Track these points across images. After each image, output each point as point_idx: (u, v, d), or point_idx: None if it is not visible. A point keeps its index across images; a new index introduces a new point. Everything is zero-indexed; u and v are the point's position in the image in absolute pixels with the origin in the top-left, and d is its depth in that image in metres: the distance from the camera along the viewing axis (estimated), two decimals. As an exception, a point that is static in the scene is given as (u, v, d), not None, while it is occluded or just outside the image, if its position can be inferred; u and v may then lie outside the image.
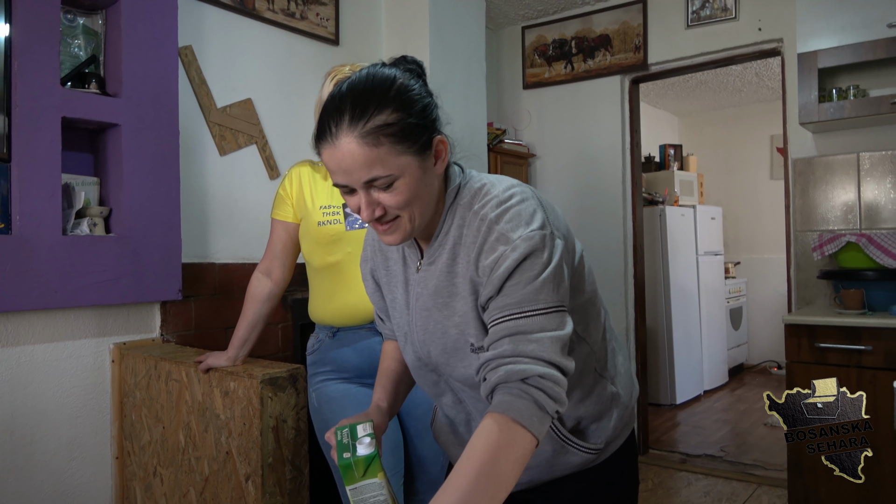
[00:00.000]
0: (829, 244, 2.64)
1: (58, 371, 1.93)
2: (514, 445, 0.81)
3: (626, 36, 3.48)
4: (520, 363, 0.84)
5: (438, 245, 1.00)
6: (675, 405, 4.67)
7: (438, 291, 0.99)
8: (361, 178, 0.89)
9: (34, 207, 1.78)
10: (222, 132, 2.40)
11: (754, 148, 6.03)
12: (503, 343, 0.87)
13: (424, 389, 1.14)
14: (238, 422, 1.65)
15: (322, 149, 0.91)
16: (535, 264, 0.88)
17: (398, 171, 0.89)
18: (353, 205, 0.94)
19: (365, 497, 0.97)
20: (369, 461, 0.98)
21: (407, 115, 0.90)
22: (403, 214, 0.93)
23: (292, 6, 2.66)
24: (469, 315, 0.96)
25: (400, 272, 1.07)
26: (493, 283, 0.90)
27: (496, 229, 0.91)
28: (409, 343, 1.07)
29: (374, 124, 0.87)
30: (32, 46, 1.78)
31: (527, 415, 0.82)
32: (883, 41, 2.52)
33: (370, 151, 0.87)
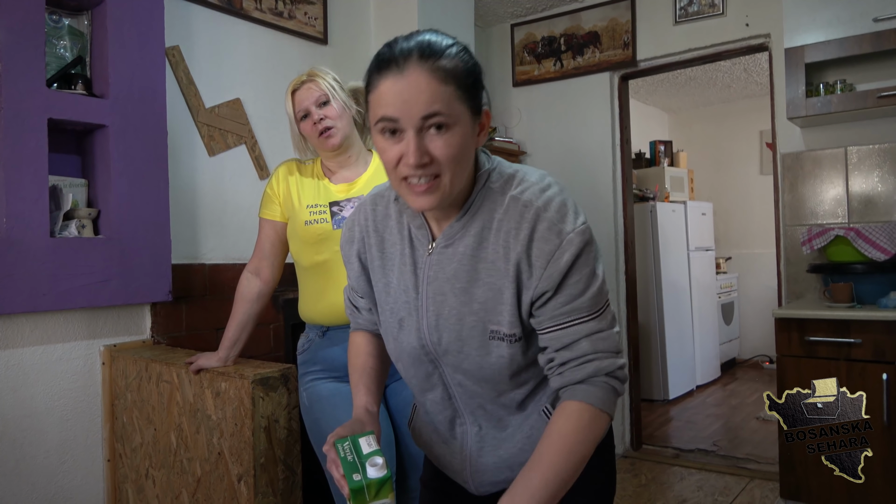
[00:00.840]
0: (818, 238, 2.66)
1: (48, 374, 1.92)
2: (598, 429, 0.92)
3: (615, 32, 3.49)
4: (602, 359, 0.93)
5: (461, 227, 0.97)
6: (667, 400, 4.69)
7: (457, 276, 0.96)
8: (421, 111, 0.87)
9: (21, 210, 1.76)
10: (211, 132, 2.39)
11: (744, 143, 6.06)
12: (582, 343, 0.93)
13: (411, 382, 1.11)
14: (230, 422, 1.65)
15: (382, 78, 0.89)
16: (590, 259, 0.93)
17: (456, 117, 0.88)
18: (393, 154, 0.90)
19: None
20: (382, 483, 0.93)
21: (470, 70, 0.91)
22: (446, 173, 0.90)
23: (280, 5, 2.65)
24: (496, 301, 0.94)
25: (406, 254, 1.02)
26: (552, 277, 0.91)
27: (546, 217, 0.92)
28: (412, 330, 1.02)
29: (445, 65, 0.88)
30: (17, 48, 1.77)
31: (609, 403, 0.93)
32: (869, 35, 2.53)
33: (438, 86, 0.87)
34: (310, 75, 1.74)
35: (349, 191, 1.75)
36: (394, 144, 0.90)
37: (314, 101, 1.70)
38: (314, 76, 1.73)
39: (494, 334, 0.95)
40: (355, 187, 1.76)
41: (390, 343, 1.08)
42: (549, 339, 0.94)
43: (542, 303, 0.93)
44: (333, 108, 1.70)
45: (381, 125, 0.90)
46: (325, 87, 1.71)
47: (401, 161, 0.89)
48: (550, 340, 0.94)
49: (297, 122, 1.75)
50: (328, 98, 1.71)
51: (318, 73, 1.74)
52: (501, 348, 0.96)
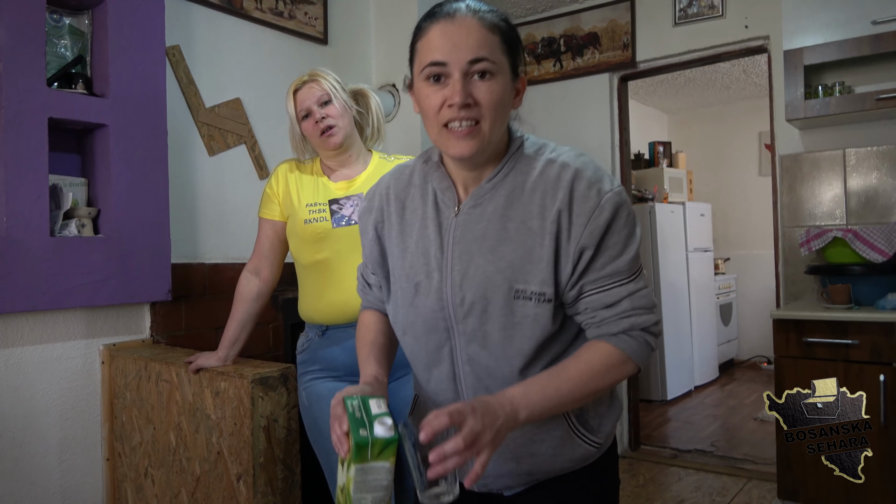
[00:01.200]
0: (816, 240, 2.66)
1: (47, 373, 1.92)
2: (622, 372, 0.97)
3: (615, 34, 3.49)
4: (639, 315, 0.96)
5: (491, 188, 0.99)
6: (665, 401, 4.69)
7: (486, 235, 0.97)
8: (469, 55, 0.91)
9: (21, 209, 1.77)
10: (211, 132, 2.39)
11: (742, 144, 6.07)
12: (623, 303, 0.96)
13: (418, 357, 1.07)
14: (229, 422, 1.65)
15: (433, 24, 0.94)
16: (629, 221, 0.96)
17: (499, 66, 0.93)
18: (436, 99, 0.93)
19: (368, 479, 0.91)
20: (387, 444, 0.91)
21: (514, 30, 0.98)
22: (486, 119, 0.93)
23: (280, 5, 2.65)
24: (525, 260, 0.95)
25: (430, 217, 1.03)
26: (594, 234, 0.94)
27: (584, 177, 0.95)
28: (432, 292, 1.00)
29: (492, 18, 0.95)
30: (18, 47, 1.77)
31: (640, 354, 0.97)
32: (867, 38, 2.54)
33: (486, 34, 0.92)
34: (311, 75, 1.75)
35: (348, 188, 1.76)
36: (438, 90, 0.93)
37: (316, 101, 1.72)
38: (316, 76, 1.74)
39: (520, 293, 0.95)
40: (355, 184, 1.77)
41: (402, 312, 1.06)
42: (591, 300, 0.97)
43: (583, 266, 0.95)
44: (335, 107, 1.72)
45: (428, 70, 0.94)
46: (327, 87, 1.72)
47: (444, 105, 0.93)
48: (591, 302, 0.97)
49: (298, 122, 1.75)
50: (330, 98, 1.72)
51: (320, 73, 1.75)
52: (528, 308, 0.95)
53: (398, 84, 3.00)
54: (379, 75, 3.07)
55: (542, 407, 0.91)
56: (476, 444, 0.83)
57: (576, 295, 0.97)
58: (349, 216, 1.72)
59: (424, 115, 0.97)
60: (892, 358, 2.26)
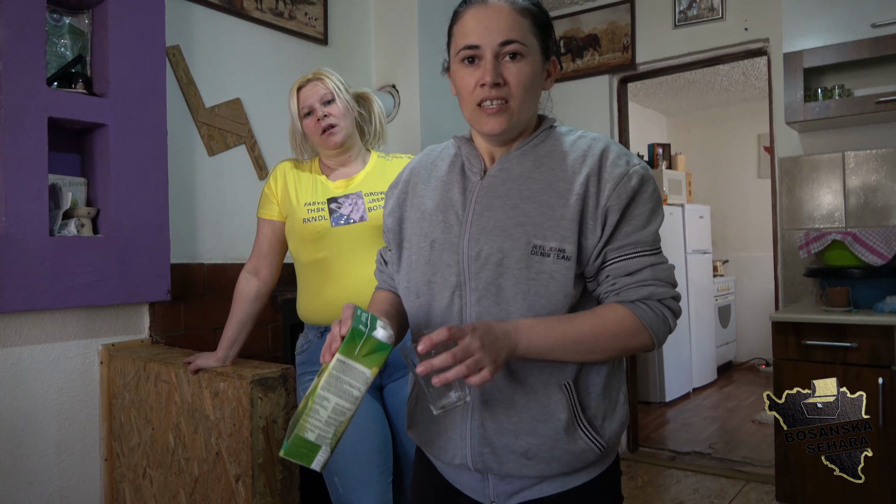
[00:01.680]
0: (815, 242, 2.66)
1: (46, 373, 1.92)
2: (635, 340, 0.98)
3: (615, 36, 3.49)
4: (658, 286, 0.99)
5: (520, 155, 1.05)
6: (664, 403, 4.70)
7: (509, 195, 1.02)
8: (500, 37, 0.97)
9: (21, 208, 1.76)
10: (211, 132, 2.39)
11: (742, 147, 6.07)
12: (644, 272, 0.99)
13: (425, 321, 1.06)
14: (228, 422, 1.65)
15: (468, 9, 1.01)
16: (654, 195, 1.01)
17: (529, 47, 0.99)
18: (471, 79, 0.99)
19: (343, 379, 0.91)
20: (377, 349, 0.91)
21: (545, 14, 1.04)
22: (515, 99, 0.99)
23: (280, 6, 2.65)
24: (546, 217, 0.98)
25: (455, 180, 1.08)
26: (621, 198, 0.98)
27: (614, 148, 1.02)
28: (447, 246, 1.03)
29: (523, 3, 1.00)
30: (18, 46, 1.77)
31: (656, 325, 0.99)
32: (867, 41, 2.54)
33: (517, 17, 0.99)
34: (315, 74, 1.76)
35: (347, 186, 1.76)
36: (473, 71, 1.00)
37: (319, 99, 1.73)
38: (320, 75, 1.76)
39: (538, 249, 0.97)
40: (353, 182, 1.77)
41: (415, 272, 1.07)
42: (612, 268, 0.99)
43: (609, 232, 0.98)
44: (338, 106, 1.73)
45: (463, 53, 1.00)
46: (331, 86, 1.74)
47: (476, 86, 0.99)
48: (613, 270, 0.99)
49: (300, 119, 1.76)
50: (333, 97, 1.73)
51: (324, 72, 1.76)
52: (545, 264, 0.97)
53: (398, 84, 3.00)
54: (379, 76, 3.07)
55: (542, 344, 0.94)
56: (470, 360, 0.85)
57: (599, 265, 1.00)
58: (348, 215, 1.72)
59: (460, 96, 1.03)
60: (890, 361, 2.26)
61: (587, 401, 1.03)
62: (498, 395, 1.01)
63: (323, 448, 0.92)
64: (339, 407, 0.92)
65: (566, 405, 1.00)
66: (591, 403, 1.03)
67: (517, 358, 0.95)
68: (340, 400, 0.92)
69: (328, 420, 0.91)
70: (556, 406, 1.00)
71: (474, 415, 1.03)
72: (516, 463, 1.01)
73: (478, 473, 1.06)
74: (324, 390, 0.91)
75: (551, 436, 0.99)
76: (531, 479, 1.03)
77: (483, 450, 1.02)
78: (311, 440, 0.91)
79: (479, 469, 1.03)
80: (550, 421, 1.00)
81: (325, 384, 0.91)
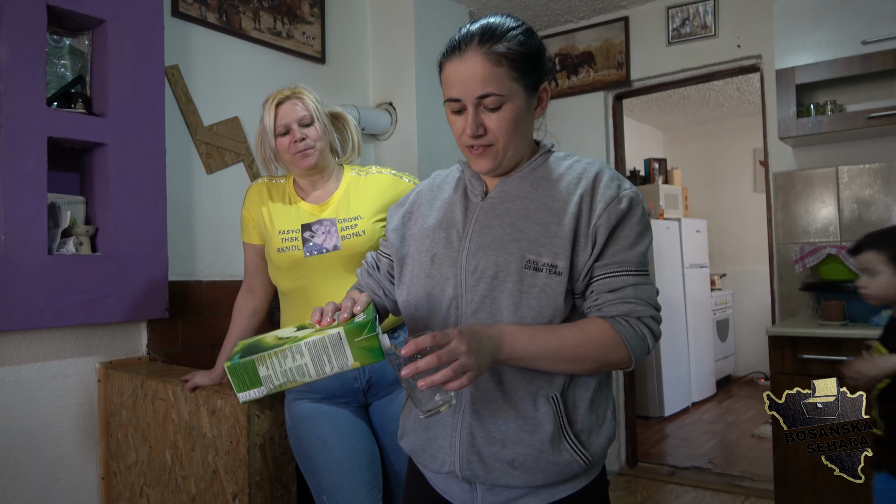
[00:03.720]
0: (810, 256, 2.68)
1: (43, 391, 1.92)
2: (614, 354, 1.01)
3: (609, 53, 3.53)
4: (638, 305, 1.02)
5: (519, 178, 1.09)
6: (663, 418, 4.69)
7: (507, 213, 1.06)
8: (476, 91, 1.01)
9: (20, 227, 1.78)
10: (209, 150, 2.41)
11: (737, 161, 6.11)
12: (627, 290, 1.02)
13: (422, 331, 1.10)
14: (225, 440, 1.65)
15: (448, 62, 1.04)
16: (642, 220, 1.05)
17: (508, 94, 1.02)
18: (458, 126, 1.05)
19: (328, 352, 0.92)
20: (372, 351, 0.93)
21: (527, 50, 1.04)
22: (499, 142, 1.04)
23: (279, 25, 2.68)
24: (541, 234, 1.02)
25: (457, 201, 1.13)
26: (610, 219, 1.02)
27: (607, 172, 1.06)
28: (447, 260, 1.08)
29: (500, 48, 1.01)
30: (19, 67, 1.79)
31: (634, 342, 1.01)
32: (857, 58, 2.58)
33: (491, 69, 1.01)
34: (295, 92, 1.71)
35: (321, 212, 1.72)
36: (458, 118, 1.06)
37: (297, 120, 1.68)
38: (301, 94, 1.70)
39: (531, 264, 1.01)
40: (327, 208, 1.73)
41: (415, 285, 1.11)
42: (597, 285, 1.03)
43: (598, 251, 1.02)
44: (316, 129, 1.69)
45: (448, 104, 1.06)
46: (311, 108, 1.69)
47: (462, 131, 1.05)
48: (597, 286, 1.03)
49: (273, 136, 1.70)
50: (312, 119, 1.69)
51: (304, 91, 1.71)
52: (538, 278, 1.01)
53: (395, 102, 3.02)
54: (375, 93, 3.10)
55: (525, 351, 0.97)
56: (456, 364, 0.87)
57: (587, 282, 1.03)
58: (321, 244, 1.68)
59: (453, 133, 1.09)
60: (886, 374, 2.27)
61: (574, 414, 1.05)
62: (487, 405, 1.04)
63: (261, 389, 0.93)
64: (305, 370, 0.93)
65: (553, 417, 1.02)
66: (578, 417, 1.05)
67: (500, 363, 0.97)
68: (311, 365, 0.93)
69: (286, 372, 0.93)
70: (543, 418, 1.02)
71: (464, 423, 1.06)
72: (502, 472, 1.03)
73: (466, 483, 1.08)
74: (306, 347, 0.92)
75: (537, 446, 1.02)
76: (518, 489, 1.05)
77: (471, 458, 1.04)
78: (260, 375, 0.92)
79: (467, 477, 1.05)
80: (537, 432, 1.02)
81: (310, 343, 0.92)
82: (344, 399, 1.67)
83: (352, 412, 1.68)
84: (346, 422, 1.65)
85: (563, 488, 1.05)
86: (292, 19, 2.73)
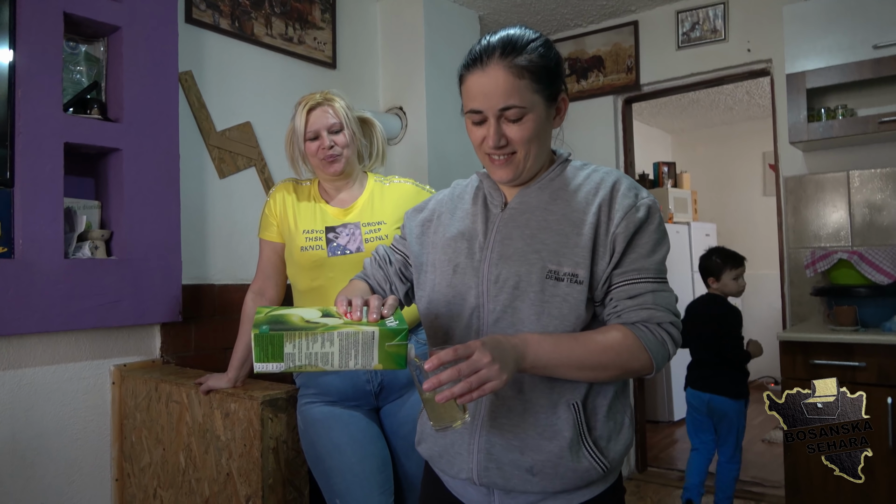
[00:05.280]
0: (822, 261, 2.67)
1: (58, 393, 1.94)
2: (635, 361, 1.01)
3: (619, 57, 3.53)
4: (657, 311, 1.02)
5: (538, 188, 1.11)
6: (672, 422, 4.67)
7: (528, 224, 1.07)
8: (499, 104, 1.02)
9: (36, 231, 1.80)
10: (221, 155, 2.43)
11: (746, 165, 6.09)
12: (646, 296, 1.03)
13: (442, 341, 1.11)
14: (238, 443, 1.66)
15: (469, 74, 1.05)
16: (659, 228, 1.06)
17: (530, 105, 1.03)
18: (479, 136, 1.06)
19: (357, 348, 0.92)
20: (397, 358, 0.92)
21: (547, 62, 1.05)
22: (520, 152, 1.05)
23: (290, 31, 2.70)
24: (562, 244, 1.03)
25: (478, 212, 1.13)
26: (628, 228, 1.03)
27: (624, 182, 1.08)
28: (469, 270, 1.08)
29: (521, 61, 1.02)
30: (36, 73, 1.82)
31: (655, 347, 1.02)
32: (869, 62, 2.57)
33: (514, 81, 1.01)
34: (326, 99, 1.76)
35: (345, 216, 1.76)
36: (479, 128, 1.07)
37: (327, 127, 1.73)
38: (332, 101, 1.76)
39: (552, 274, 1.02)
40: (351, 212, 1.77)
41: (437, 294, 1.12)
42: (616, 292, 1.04)
43: (616, 259, 1.03)
44: (345, 136, 1.74)
45: (469, 115, 1.07)
46: (342, 116, 1.74)
47: (484, 141, 1.06)
48: (617, 293, 1.04)
49: (303, 140, 1.76)
50: (342, 126, 1.74)
51: (335, 97, 1.77)
52: (559, 288, 1.02)
53: (405, 107, 3.04)
54: (386, 98, 3.11)
55: (549, 359, 0.97)
56: (474, 378, 0.87)
57: (606, 289, 1.04)
58: (345, 245, 1.72)
59: (473, 144, 1.10)
60: (899, 380, 2.26)
61: (593, 421, 1.06)
62: (506, 412, 1.05)
63: (280, 365, 0.92)
64: (329, 358, 0.92)
65: (572, 424, 1.03)
66: (598, 424, 1.06)
67: (524, 371, 0.97)
68: (337, 356, 0.92)
69: (311, 355, 0.92)
70: (562, 425, 1.03)
71: (482, 430, 1.06)
72: (521, 479, 1.04)
73: (483, 488, 1.08)
74: (338, 337, 0.92)
75: (556, 453, 1.02)
76: (535, 494, 1.05)
77: (489, 465, 1.05)
78: (284, 351, 0.91)
79: (485, 483, 1.06)
80: (556, 439, 1.03)
81: (343, 335, 0.92)
82: (355, 402, 1.68)
83: (363, 415, 1.69)
84: (358, 425, 1.66)
85: (581, 493, 1.06)
86: (304, 25, 2.76)
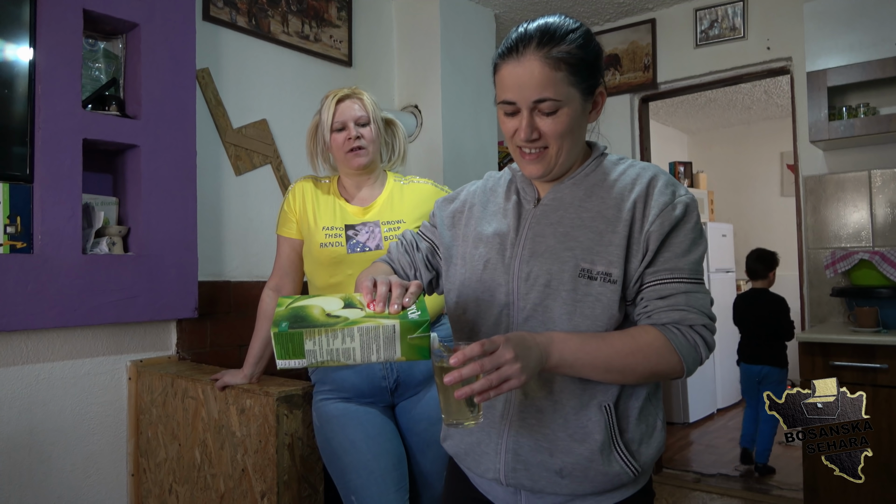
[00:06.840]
0: (842, 262, 2.63)
1: (76, 388, 1.95)
2: (665, 363, 0.98)
3: (636, 55, 3.51)
4: (690, 312, 0.99)
5: (572, 184, 1.07)
6: (688, 423, 4.63)
7: (561, 222, 1.04)
8: (533, 96, 0.98)
9: (55, 227, 1.81)
10: (238, 152, 2.44)
11: (764, 165, 6.03)
12: (678, 297, 0.99)
13: (470, 337, 1.08)
14: (254, 439, 1.66)
15: (504, 64, 1.01)
16: (696, 226, 1.02)
17: (565, 99, 0.99)
18: (511, 127, 1.02)
19: (378, 341, 0.89)
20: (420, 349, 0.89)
21: (586, 54, 1.01)
22: (553, 147, 1.02)
23: (306, 29, 2.71)
24: (595, 242, 1.00)
25: (511, 208, 1.11)
26: (664, 225, 0.99)
27: (661, 177, 1.03)
28: (500, 266, 1.06)
29: (558, 53, 0.98)
30: (55, 70, 1.83)
31: (686, 350, 0.98)
32: (892, 59, 2.53)
33: (550, 73, 0.97)
34: (355, 92, 1.77)
35: (364, 214, 1.77)
36: (511, 119, 1.02)
37: (355, 119, 1.74)
38: (360, 95, 1.77)
39: (585, 272, 0.99)
40: (371, 211, 1.77)
41: (467, 289, 1.09)
42: (648, 292, 1.00)
43: (650, 257, 1.00)
44: (371, 130, 1.75)
45: (501, 106, 1.03)
46: (370, 110, 1.76)
47: (515, 134, 1.02)
48: (648, 293, 1.00)
49: (329, 130, 1.75)
50: (369, 120, 1.75)
51: (364, 93, 1.78)
52: (592, 287, 0.99)
53: (420, 105, 3.03)
54: (401, 96, 3.11)
55: (574, 359, 0.94)
56: (494, 375, 0.85)
57: (638, 288, 1.01)
58: (364, 242, 1.72)
59: (504, 134, 1.05)
60: (921, 382, 2.22)
61: (625, 424, 1.03)
62: (536, 413, 1.02)
63: (302, 361, 0.90)
64: (351, 353, 0.90)
65: (604, 426, 1.00)
66: (629, 427, 1.03)
67: (548, 370, 0.95)
68: (359, 351, 0.90)
69: (332, 351, 0.90)
70: (593, 427, 1.00)
71: (510, 430, 1.04)
72: (549, 480, 1.01)
73: (510, 488, 1.06)
74: (358, 332, 0.89)
75: (587, 455, 1.00)
76: (564, 496, 1.03)
77: (517, 466, 1.03)
78: (305, 349, 0.89)
79: (512, 484, 1.04)
80: (587, 441, 1.00)
81: (363, 329, 0.89)
82: (371, 399, 1.68)
83: (379, 412, 1.69)
84: (374, 422, 1.65)
85: (610, 496, 1.03)
86: (320, 23, 2.76)
